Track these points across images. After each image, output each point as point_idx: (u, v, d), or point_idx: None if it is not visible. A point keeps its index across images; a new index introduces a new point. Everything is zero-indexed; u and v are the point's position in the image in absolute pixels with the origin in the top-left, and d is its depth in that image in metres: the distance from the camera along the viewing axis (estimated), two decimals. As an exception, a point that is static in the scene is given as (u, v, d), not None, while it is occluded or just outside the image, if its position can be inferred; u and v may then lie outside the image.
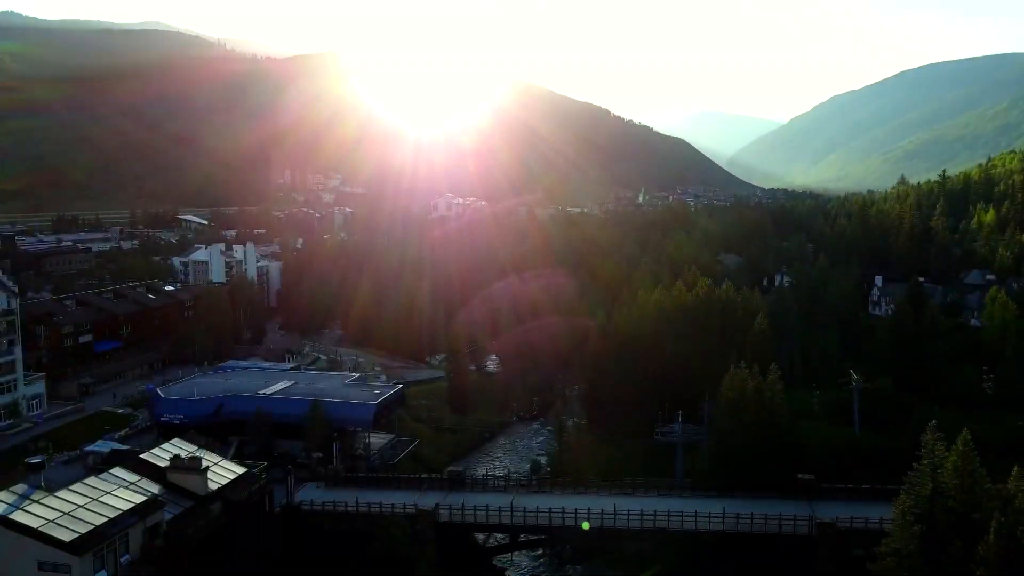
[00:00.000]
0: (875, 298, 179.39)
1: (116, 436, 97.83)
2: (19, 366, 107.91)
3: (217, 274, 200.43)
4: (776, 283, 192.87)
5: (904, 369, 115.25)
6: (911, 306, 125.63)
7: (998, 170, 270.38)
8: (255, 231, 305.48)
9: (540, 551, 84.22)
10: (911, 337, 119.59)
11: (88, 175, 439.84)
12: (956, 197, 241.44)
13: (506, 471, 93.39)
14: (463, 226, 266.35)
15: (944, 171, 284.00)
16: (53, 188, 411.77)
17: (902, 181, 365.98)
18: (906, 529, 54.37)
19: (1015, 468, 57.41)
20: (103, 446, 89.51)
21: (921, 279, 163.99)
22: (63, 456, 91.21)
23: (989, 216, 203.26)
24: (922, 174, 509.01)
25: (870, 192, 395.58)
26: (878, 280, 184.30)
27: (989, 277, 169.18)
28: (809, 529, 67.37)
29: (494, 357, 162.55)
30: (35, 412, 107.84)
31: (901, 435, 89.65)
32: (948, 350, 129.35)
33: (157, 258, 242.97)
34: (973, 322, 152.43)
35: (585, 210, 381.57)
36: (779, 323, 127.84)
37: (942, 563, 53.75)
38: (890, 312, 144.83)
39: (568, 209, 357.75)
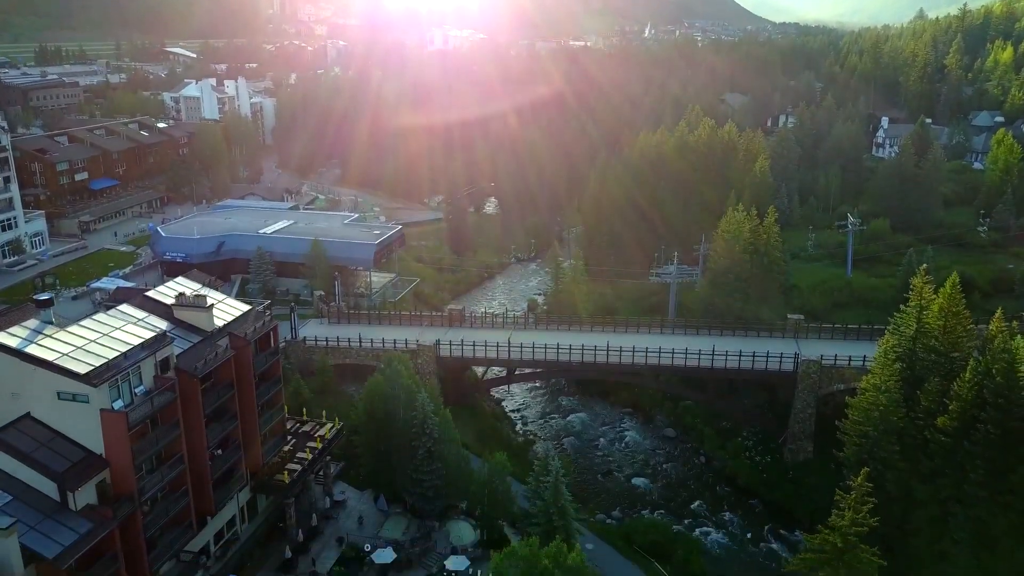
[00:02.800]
0: (880, 140, 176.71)
1: (121, 274, 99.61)
2: (17, 202, 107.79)
3: (210, 111, 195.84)
4: (781, 124, 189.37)
5: (901, 211, 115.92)
6: (915, 148, 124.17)
7: (1022, 4, 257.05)
8: (246, 65, 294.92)
9: (535, 383, 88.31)
10: (911, 179, 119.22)
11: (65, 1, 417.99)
12: (975, 34, 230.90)
13: (504, 309, 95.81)
14: (461, 61, 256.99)
15: (965, 4, 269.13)
16: (30, 16, 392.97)
17: (920, 15, 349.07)
18: (887, 367, 56.55)
19: (998, 309, 59.11)
20: (109, 283, 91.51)
21: (928, 120, 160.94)
22: (70, 292, 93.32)
23: (1006, 55, 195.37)
24: (943, 7, 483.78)
25: (885, 27, 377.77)
26: (884, 121, 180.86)
27: (998, 119, 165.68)
28: (794, 366, 70.08)
29: (493, 199, 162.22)
30: (39, 249, 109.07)
31: (892, 276, 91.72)
32: (948, 193, 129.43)
33: (147, 93, 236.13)
34: (976, 164, 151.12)
35: (589, 44, 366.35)
36: (780, 165, 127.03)
37: (918, 398, 56.42)
38: (894, 154, 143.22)
39: (571, 43, 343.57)
